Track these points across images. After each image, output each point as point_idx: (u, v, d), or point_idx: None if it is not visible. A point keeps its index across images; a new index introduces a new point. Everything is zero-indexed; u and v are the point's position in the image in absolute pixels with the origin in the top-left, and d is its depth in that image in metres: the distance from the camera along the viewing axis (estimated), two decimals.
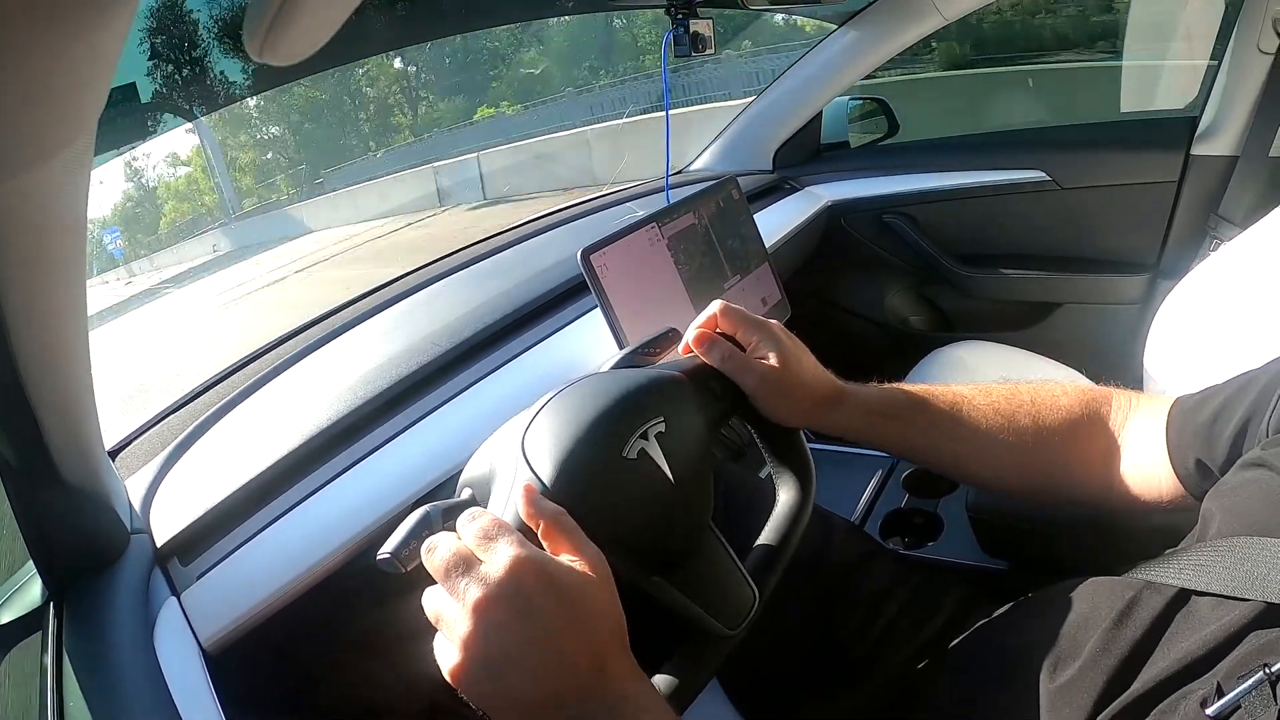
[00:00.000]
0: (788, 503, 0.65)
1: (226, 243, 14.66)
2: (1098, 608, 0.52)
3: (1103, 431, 0.66)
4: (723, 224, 1.17)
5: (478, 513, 0.46)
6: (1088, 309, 1.73)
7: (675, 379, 0.60)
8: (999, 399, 0.68)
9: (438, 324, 1.02)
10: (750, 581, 0.57)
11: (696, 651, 0.54)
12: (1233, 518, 0.50)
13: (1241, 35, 1.47)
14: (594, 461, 0.51)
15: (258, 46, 0.26)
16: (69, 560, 0.61)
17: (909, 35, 1.62)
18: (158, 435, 0.86)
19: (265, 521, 0.71)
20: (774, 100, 1.81)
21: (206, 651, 0.61)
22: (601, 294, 0.94)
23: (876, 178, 1.82)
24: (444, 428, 0.83)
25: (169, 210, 20.28)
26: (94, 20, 0.25)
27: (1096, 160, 1.67)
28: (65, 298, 0.47)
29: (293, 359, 0.98)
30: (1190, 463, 0.59)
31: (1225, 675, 0.42)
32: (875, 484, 1.11)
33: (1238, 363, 0.61)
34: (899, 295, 1.89)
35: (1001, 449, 0.67)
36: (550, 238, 1.44)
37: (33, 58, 0.25)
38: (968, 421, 0.67)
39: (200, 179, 19.38)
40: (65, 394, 0.52)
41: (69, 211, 0.40)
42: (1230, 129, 1.51)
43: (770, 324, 0.67)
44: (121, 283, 11.86)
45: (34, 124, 0.30)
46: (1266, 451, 0.50)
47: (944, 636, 0.69)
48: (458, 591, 0.42)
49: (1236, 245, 1.03)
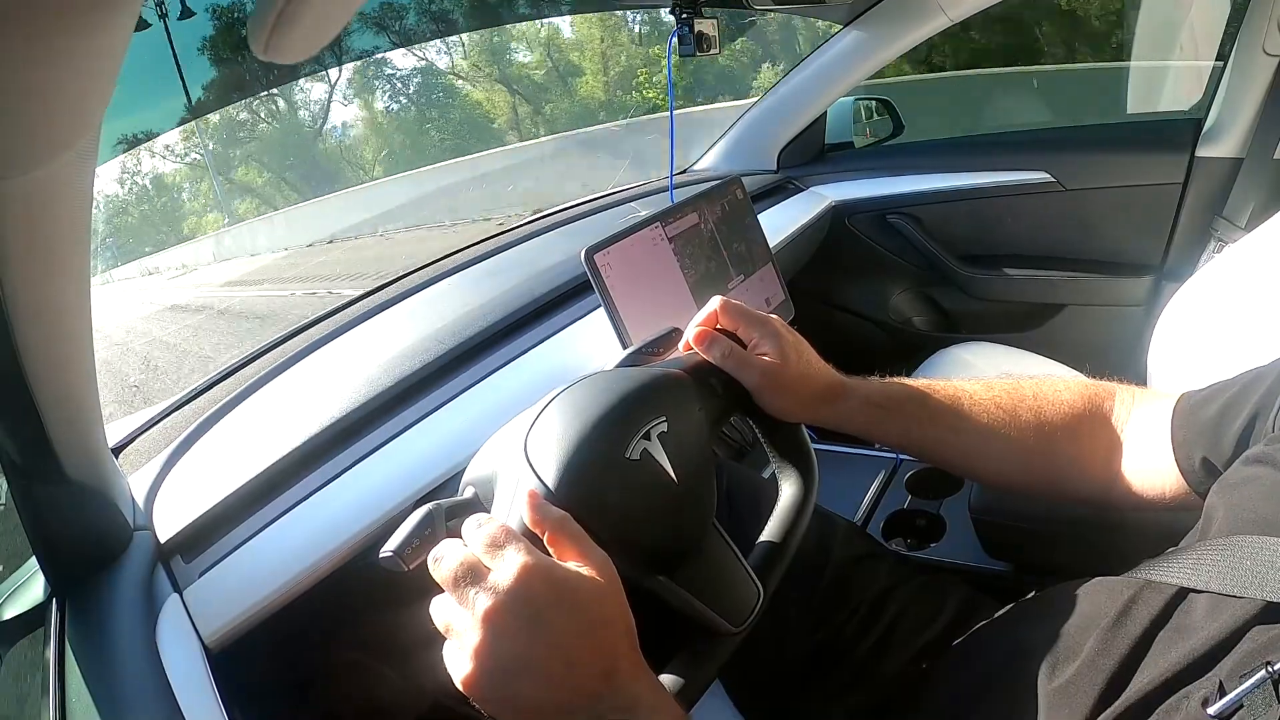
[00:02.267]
0: (790, 498, 0.65)
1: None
2: (1098, 607, 0.52)
3: (1105, 427, 0.65)
4: (727, 224, 1.17)
5: (484, 519, 0.46)
6: (1091, 310, 1.72)
7: (676, 377, 0.59)
8: (1001, 394, 0.68)
9: (441, 323, 1.02)
10: (754, 579, 0.57)
11: (702, 650, 0.54)
12: (1235, 515, 0.50)
13: (1247, 37, 1.47)
14: (597, 463, 0.51)
15: (262, 45, 0.26)
16: (72, 557, 0.61)
17: (914, 36, 1.62)
18: (161, 432, 0.87)
19: (268, 519, 0.71)
20: (778, 100, 1.80)
21: (209, 648, 0.61)
22: (605, 293, 0.94)
23: (881, 178, 1.82)
24: (447, 426, 0.83)
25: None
26: (98, 20, 0.25)
27: (1101, 162, 1.66)
28: (69, 295, 0.47)
29: (296, 357, 0.98)
30: (1196, 459, 0.59)
31: (1227, 674, 0.42)
32: (878, 485, 1.11)
33: (1242, 365, 0.60)
34: (903, 296, 1.89)
35: (1003, 444, 0.66)
36: (553, 237, 1.44)
37: (38, 57, 0.25)
38: (969, 416, 0.67)
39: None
40: (69, 391, 0.52)
41: (74, 209, 0.41)
42: (1235, 131, 1.51)
43: (770, 319, 0.67)
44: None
45: (39, 122, 0.30)
46: (1270, 448, 0.50)
47: (945, 638, 0.69)
48: (467, 601, 0.42)
49: (1241, 248, 1.03)
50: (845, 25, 1.67)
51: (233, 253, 13.01)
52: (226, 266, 12.16)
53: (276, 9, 0.25)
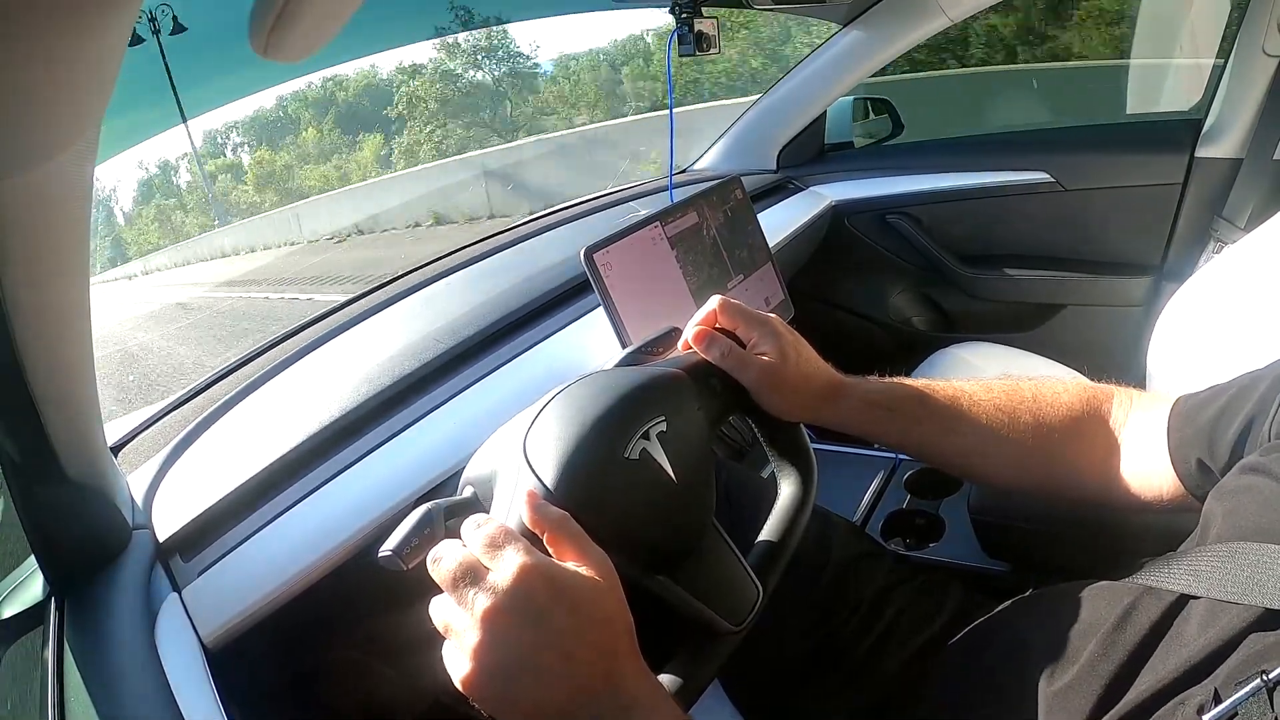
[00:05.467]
0: (789, 498, 0.65)
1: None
2: (1097, 612, 0.52)
3: (1103, 428, 0.66)
4: (726, 223, 1.17)
5: (483, 520, 0.46)
6: (1091, 311, 1.72)
7: (675, 377, 0.59)
8: (1000, 395, 0.68)
9: (440, 322, 1.02)
10: (754, 578, 0.57)
11: (701, 649, 0.54)
12: (1232, 522, 0.50)
13: (1246, 37, 1.47)
14: (596, 463, 0.51)
15: (262, 45, 0.26)
16: (71, 556, 0.61)
17: (914, 35, 1.62)
18: (160, 431, 0.87)
19: (267, 518, 0.71)
20: (778, 100, 1.80)
21: (207, 647, 0.61)
22: (604, 293, 0.94)
23: (880, 178, 1.82)
24: (446, 425, 0.83)
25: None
26: (98, 20, 0.25)
27: (1100, 162, 1.67)
28: (69, 294, 0.47)
29: (295, 356, 0.98)
30: (1192, 462, 0.59)
31: (1223, 681, 0.42)
32: (877, 485, 1.11)
33: (1241, 366, 0.60)
34: (902, 296, 1.89)
35: (1002, 444, 0.66)
36: (553, 236, 1.44)
37: (37, 56, 0.25)
38: (968, 416, 0.67)
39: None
40: (68, 390, 0.52)
41: (73, 209, 0.41)
42: (1235, 131, 1.51)
43: (769, 318, 0.67)
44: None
45: (39, 122, 0.30)
46: (1267, 457, 0.50)
47: (944, 637, 0.69)
48: (466, 601, 0.42)
49: (1240, 248, 1.03)
50: (844, 25, 1.68)
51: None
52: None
53: (276, 9, 0.25)
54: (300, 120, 22.49)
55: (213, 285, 10.61)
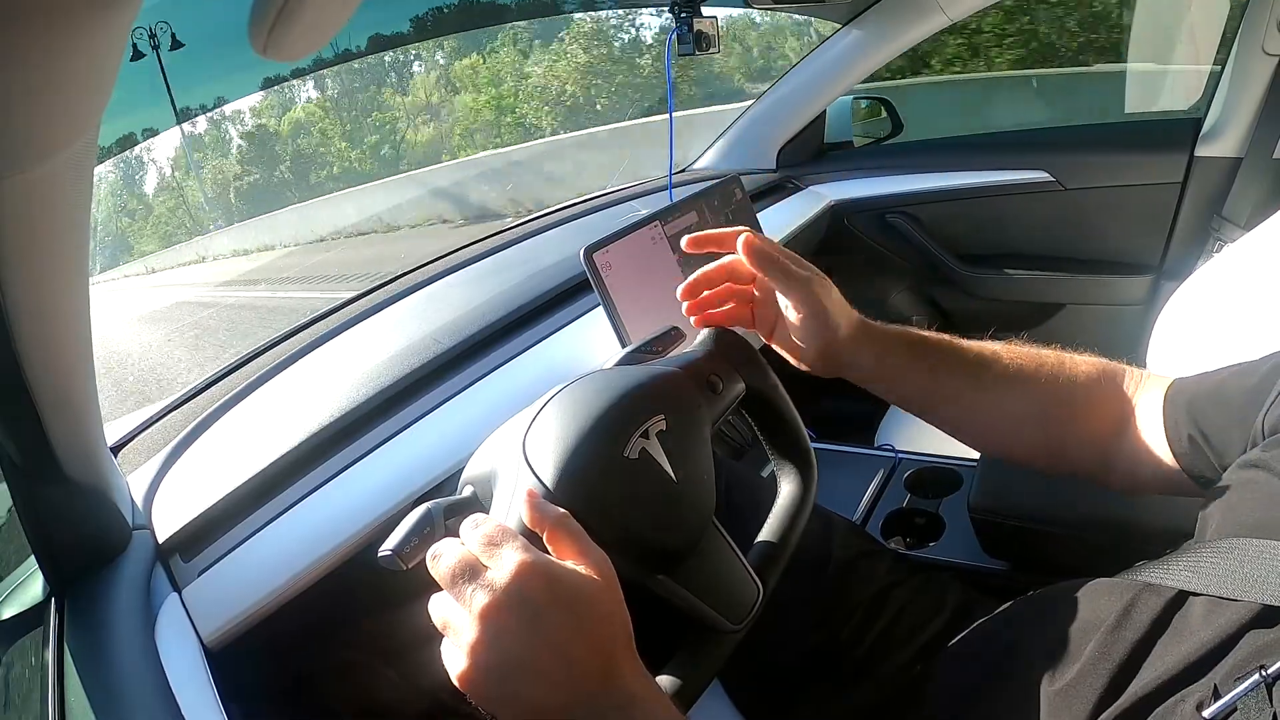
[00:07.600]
0: (789, 497, 0.64)
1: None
2: (1097, 610, 0.52)
3: (1117, 398, 0.66)
4: (726, 223, 1.17)
5: (481, 519, 0.46)
6: (1091, 310, 1.73)
7: (675, 376, 0.59)
8: (1023, 355, 0.69)
9: (439, 321, 1.02)
10: (754, 577, 0.57)
11: (701, 649, 0.54)
12: (1231, 519, 0.50)
13: (1246, 37, 1.47)
14: (596, 462, 0.51)
15: (261, 44, 0.26)
16: (71, 556, 0.61)
17: (913, 35, 1.62)
18: (160, 431, 0.87)
19: (267, 518, 0.71)
20: (778, 99, 1.80)
21: (207, 648, 0.61)
22: (604, 292, 0.94)
23: (880, 177, 1.82)
24: (445, 425, 0.83)
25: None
26: (97, 19, 0.25)
27: (1100, 161, 1.67)
28: (68, 294, 0.47)
29: (295, 356, 0.98)
30: (1184, 438, 0.60)
31: (1222, 678, 0.42)
32: (877, 484, 1.11)
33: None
34: (902, 295, 1.89)
35: (1023, 401, 0.67)
36: (552, 236, 1.44)
37: (36, 55, 0.25)
38: (994, 368, 0.68)
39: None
40: (68, 390, 0.52)
41: (72, 208, 0.40)
42: (1234, 130, 1.51)
43: (809, 277, 0.71)
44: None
45: (38, 121, 0.30)
46: (1266, 453, 0.50)
47: (944, 636, 0.69)
48: (464, 599, 0.42)
49: (1240, 247, 1.03)
50: (844, 24, 1.68)
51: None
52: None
53: (276, 7, 0.25)
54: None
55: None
